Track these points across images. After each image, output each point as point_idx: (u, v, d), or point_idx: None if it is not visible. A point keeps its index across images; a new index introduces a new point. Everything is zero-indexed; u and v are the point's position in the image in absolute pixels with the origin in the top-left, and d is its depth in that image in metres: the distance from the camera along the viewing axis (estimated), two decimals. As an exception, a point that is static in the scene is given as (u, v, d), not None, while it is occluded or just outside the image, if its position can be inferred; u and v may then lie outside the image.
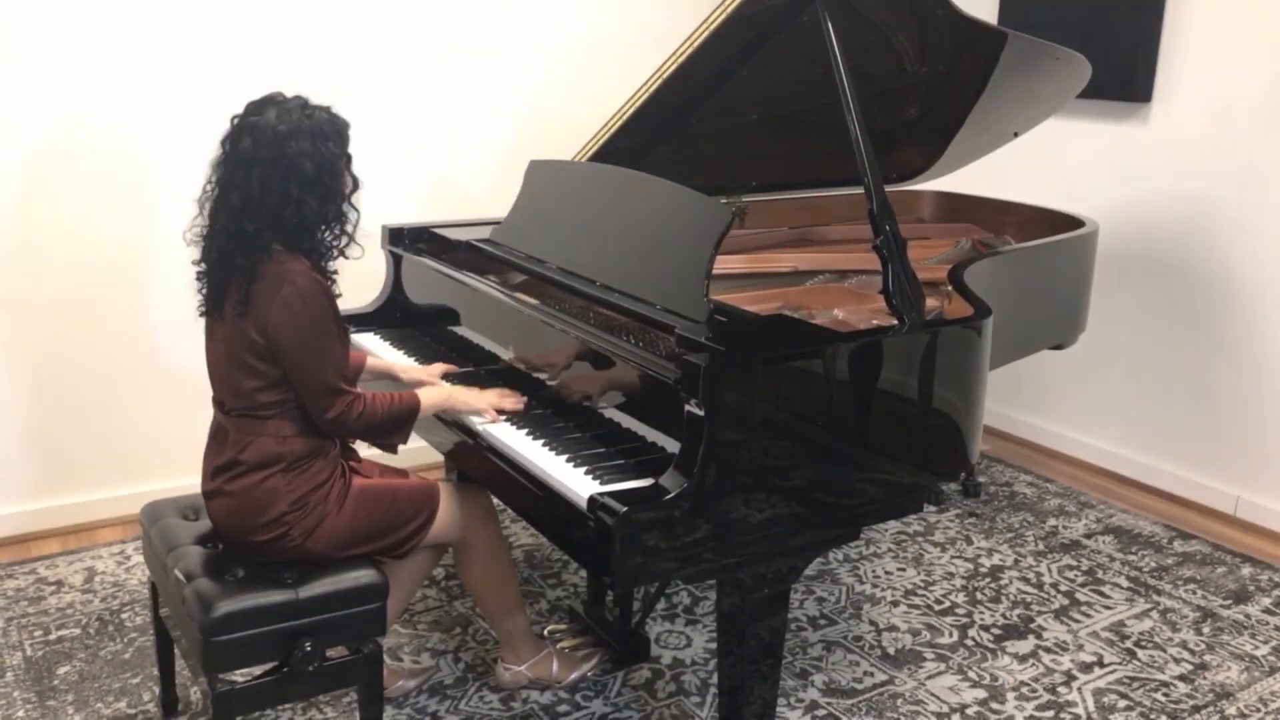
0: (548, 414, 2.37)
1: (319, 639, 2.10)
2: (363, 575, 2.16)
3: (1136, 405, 4.01)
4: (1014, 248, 2.98)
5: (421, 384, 2.48)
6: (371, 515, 2.20)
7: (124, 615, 2.95)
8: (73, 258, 3.31)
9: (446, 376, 2.55)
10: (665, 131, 3.08)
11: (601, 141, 2.97)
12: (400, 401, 2.25)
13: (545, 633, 2.74)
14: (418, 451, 2.66)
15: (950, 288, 2.47)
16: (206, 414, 2.26)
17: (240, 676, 2.18)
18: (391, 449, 2.32)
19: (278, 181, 2.06)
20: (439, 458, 3.01)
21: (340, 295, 2.23)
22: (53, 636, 2.84)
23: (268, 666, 2.12)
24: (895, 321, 2.20)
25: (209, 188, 2.15)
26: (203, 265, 2.19)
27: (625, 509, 1.82)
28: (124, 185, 3.33)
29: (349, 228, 2.20)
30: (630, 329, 2.28)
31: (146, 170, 3.33)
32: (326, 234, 2.18)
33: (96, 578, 3.15)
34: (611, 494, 1.91)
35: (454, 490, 2.37)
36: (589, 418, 2.27)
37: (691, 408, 1.89)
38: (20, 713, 2.51)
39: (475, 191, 3.92)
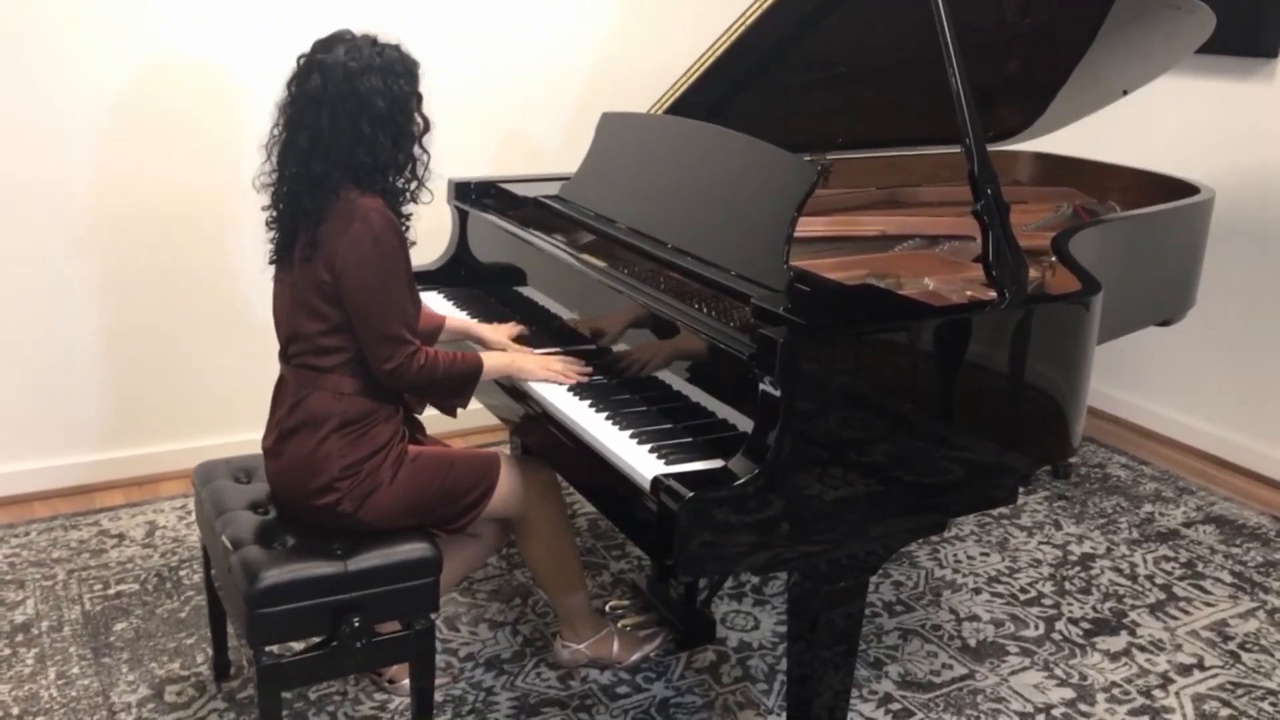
0: (612, 384, 2.23)
1: (368, 614, 2.01)
2: (415, 549, 2.06)
3: (1243, 385, 3.74)
4: (1122, 215, 2.75)
5: (504, 348, 2.41)
6: (426, 486, 2.10)
7: (182, 572, 2.91)
8: (151, 204, 3.25)
9: (518, 340, 2.46)
10: (745, 84, 2.91)
11: (679, 94, 2.81)
12: (463, 361, 2.15)
13: (606, 609, 2.63)
14: (476, 414, 2.55)
15: (1054, 259, 2.26)
16: (276, 368, 2.19)
17: (288, 649, 2.11)
18: (451, 411, 2.22)
19: (348, 120, 1.97)
20: (496, 422, 2.92)
21: (414, 243, 2.13)
22: (111, 591, 2.81)
23: (315, 640, 2.04)
24: (994, 294, 2.01)
25: (276, 131, 2.07)
26: (272, 211, 2.12)
27: (691, 493, 1.68)
28: (206, 131, 3.25)
29: (421, 170, 2.11)
30: (703, 296, 2.13)
31: (229, 114, 3.25)
32: (398, 178, 2.08)
33: (157, 532, 3.12)
34: (677, 476, 1.77)
35: (515, 463, 2.25)
36: (655, 390, 2.13)
37: (766, 386, 1.74)
38: (75, 669, 2.48)
39: (545, 146, 3.78)
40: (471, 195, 2.93)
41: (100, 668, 2.50)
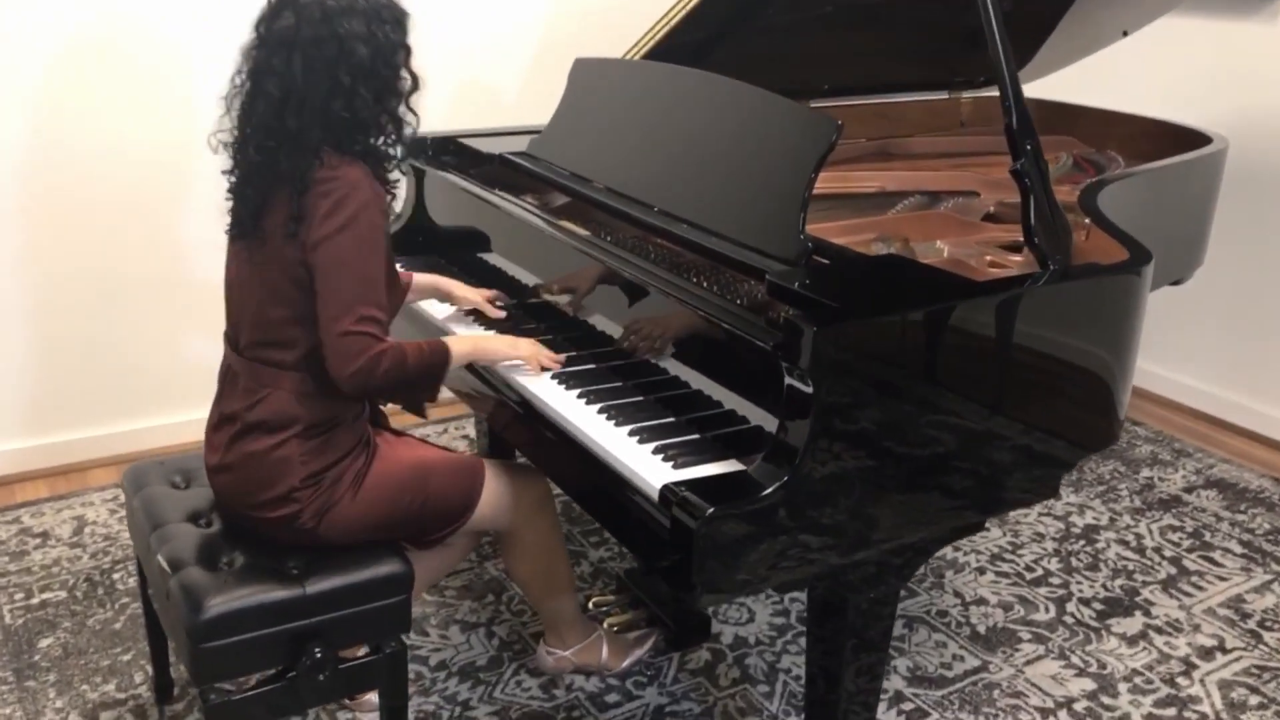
0: (602, 370, 1.98)
1: (330, 641, 1.76)
2: (383, 566, 1.81)
3: (1240, 341, 3.59)
4: (1146, 169, 2.54)
5: (474, 306, 2.21)
6: (396, 499, 1.84)
7: (115, 575, 2.62)
8: (78, 166, 2.92)
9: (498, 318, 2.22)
10: (725, 29, 2.64)
11: (658, 36, 2.54)
12: (431, 351, 1.84)
13: (590, 605, 2.40)
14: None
15: (1089, 220, 2.04)
16: (216, 344, 1.92)
17: (241, 681, 1.85)
18: (419, 410, 1.95)
19: (324, 67, 1.69)
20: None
21: (396, 215, 1.85)
22: (35, 601, 2.52)
23: (271, 672, 1.79)
24: (1015, 260, 1.79)
25: (239, 79, 1.76)
26: (232, 177, 1.80)
27: (711, 508, 1.44)
28: (149, 81, 2.92)
29: (406, 133, 1.82)
30: (699, 268, 1.89)
31: (177, 63, 2.91)
32: (381, 140, 1.79)
33: (86, 529, 2.82)
34: (690, 484, 1.53)
35: (502, 473, 1.98)
36: (651, 376, 1.89)
37: (794, 381, 1.50)
38: (-4, 695, 2.21)
39: (506, 94, 3.47)
40: (428, 151, 2.63)
41: (24, 693, 2.22)
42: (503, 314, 2.21)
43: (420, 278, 2.23)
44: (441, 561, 2.11)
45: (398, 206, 2.63)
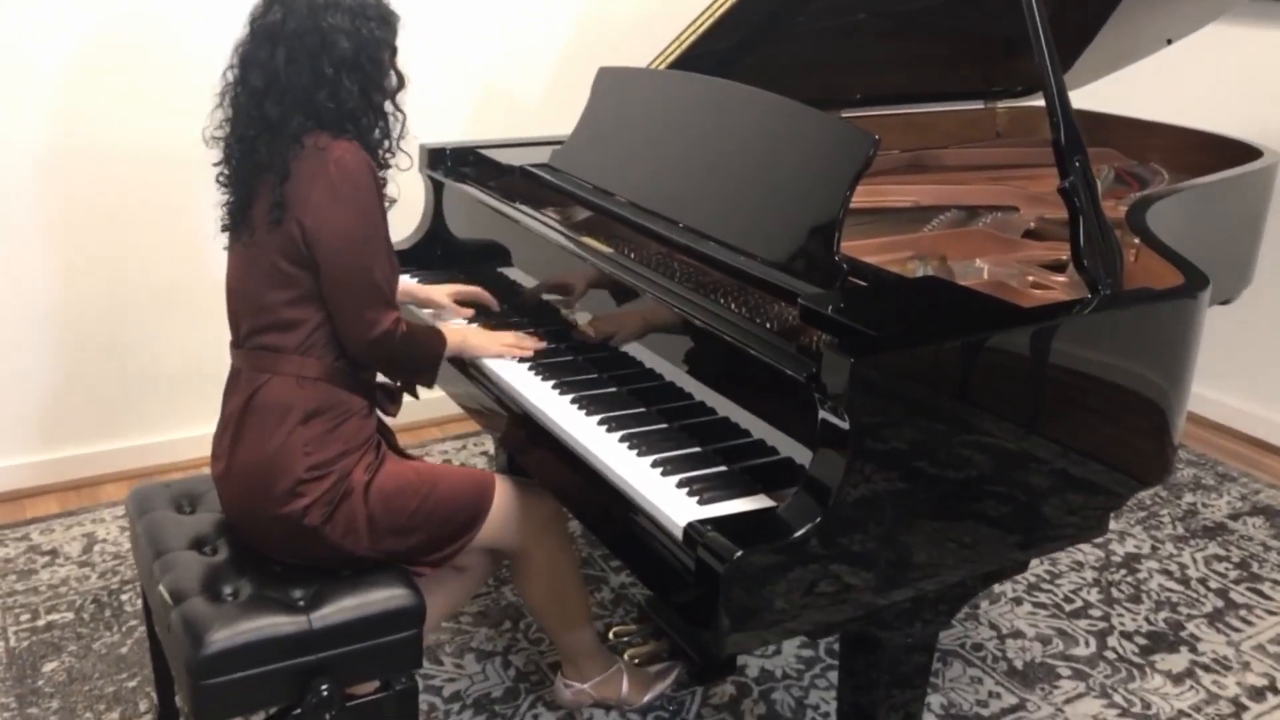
0: (623, 394, 1.89)
1: (338, 677, 1.68)
2: (393, 596, 1.73)
3: (1286, 360, 3.46)
4: (1193, 184, 2.42)
5: (439, 305, 2.24)
6: (405, 502, 1.78)
7: (124, 596, 2.55)
8: (90, 176, 2.86)
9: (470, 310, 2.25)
10: (753, 36, 2.56)
11: (685, 44, 2.45)
12: (431, 333, 1.92)
13: (610, 635, 2.31)
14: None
15: (1138, 240, 1.93)
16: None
17: (243, 714, 1.77)
18: (413, 390, 1.96)
19: (306, 58, 1.71)
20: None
21: (394, 201, 1.83)
22: (41, 622, 2.45)
23: (275, 710, 1.71)
24: (1058, 280, 1.69)
25: (230, 73, 1.77)
26: (223, 169, 1.79)
27: (739, 551, 1.35)
28: (164, 82, 2.86)
29: (395, 129, 1.83)
30: (725, 288, 1.80)
31: (192, 63, 2.81)
32: (370, 128, 1.78)
33: (96, 547, 2.76)
34: (716, 522, 1.44)
35: (513, 488, 1.91)
36: (677, 401, 1.80)
37: (829, 415, 1.40)
38: (-3, 722, 2.14)
39: (528, 103, 3.39)
40: (447, 162, 2.56)
41: (26, 720, 2.16)
42: (467, 312, 2.24)
43: None
44: (455, 590, 2.04)
45: (412, 218, 2.58)
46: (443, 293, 2.24)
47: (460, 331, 2.05)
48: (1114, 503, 1.68)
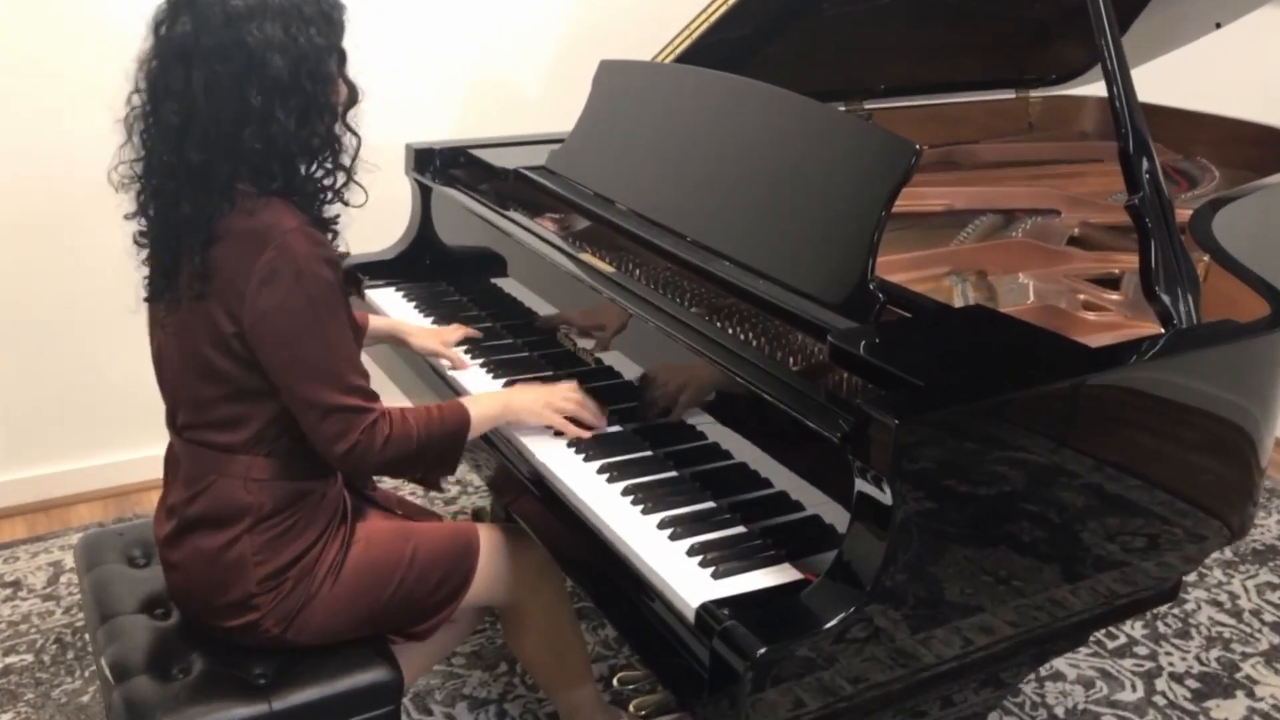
0: (627, 433, 1.68)
1: (304, 765, 1.48)
2: (366, 674, 1.52)
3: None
4: (1258, 184, 2.19)
5: (438, 356, 1.94)
6: (379, 589, 1.56)
7: (88, 636, 2.36)
8: (56, 174, 2.64)
9: (466, 345, 1.97)
10: (769, 25, 2.34)
11: (696, 34, 2.23)
12: (442, 419, 1.55)
13: (615, 681, 2.11)
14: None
15: (1206, 257, 1.70)
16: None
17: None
18: (435, 485, 1.66)
19: (230, 83, 1.37)
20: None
21: (346, 255, 1.55)
22: (-2, 666, 2.27)
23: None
24: (1113, 298, 1.48)
25: (136, 97, 1.45)
26: (139, 220, 1.52)
27: (763, 649, 1.14)
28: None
29: (345, 159, 1.50)
30: (743, 314, 1.59)
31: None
32: (313, 168, 1.47)
33: (63, 577, 2.56)
34: (734, 603, 1.24)
35: (499, 539, 1.70)
36: (686, 443, 1.59)
37: (868, 486, 1.19)
38: (-57, 784, 1.96)
39: (525, 97, 3.16)
40: (435, 164, 2.34)
41: (-26, 783, 1.97)
42: (469, 365, 1.93)
43: (376, 321, 1.96)
44: (439, 642, 1.83)
45: (397, 223, 2.38)
46: (439, 341, 1.95)
47: (499, 397, 1.68)
48: (1190, 568, 1.47)
